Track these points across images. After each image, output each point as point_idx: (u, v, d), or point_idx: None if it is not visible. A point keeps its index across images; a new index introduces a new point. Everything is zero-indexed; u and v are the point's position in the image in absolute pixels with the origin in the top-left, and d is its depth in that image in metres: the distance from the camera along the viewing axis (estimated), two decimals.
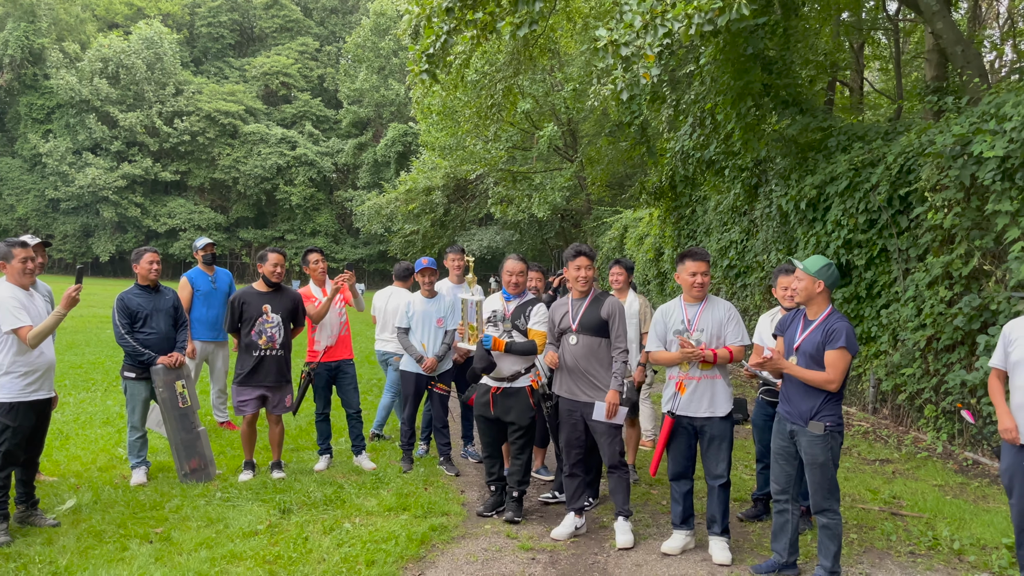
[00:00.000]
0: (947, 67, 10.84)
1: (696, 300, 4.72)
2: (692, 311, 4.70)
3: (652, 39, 6.51)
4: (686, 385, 4.64)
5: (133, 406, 5.86)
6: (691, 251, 4.69)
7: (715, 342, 4.61)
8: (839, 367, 4.06)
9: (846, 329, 4.08)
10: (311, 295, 6.43)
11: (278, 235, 55.01)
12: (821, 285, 4.20)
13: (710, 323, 4.63)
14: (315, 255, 6.51)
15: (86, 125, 50.10)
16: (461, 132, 23.67)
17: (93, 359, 12.25)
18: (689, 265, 4.66)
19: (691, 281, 4.66)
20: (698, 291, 4.66)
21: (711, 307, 4.69)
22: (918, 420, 7.88)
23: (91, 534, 4.71)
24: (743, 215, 12.53)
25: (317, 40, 62.62)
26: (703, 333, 4.61)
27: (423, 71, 9.20)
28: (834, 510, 4.16)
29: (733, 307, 4.74)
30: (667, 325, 4.75)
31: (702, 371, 4.61)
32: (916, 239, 7.72)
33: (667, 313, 4.79)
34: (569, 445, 5.04)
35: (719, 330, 4.62)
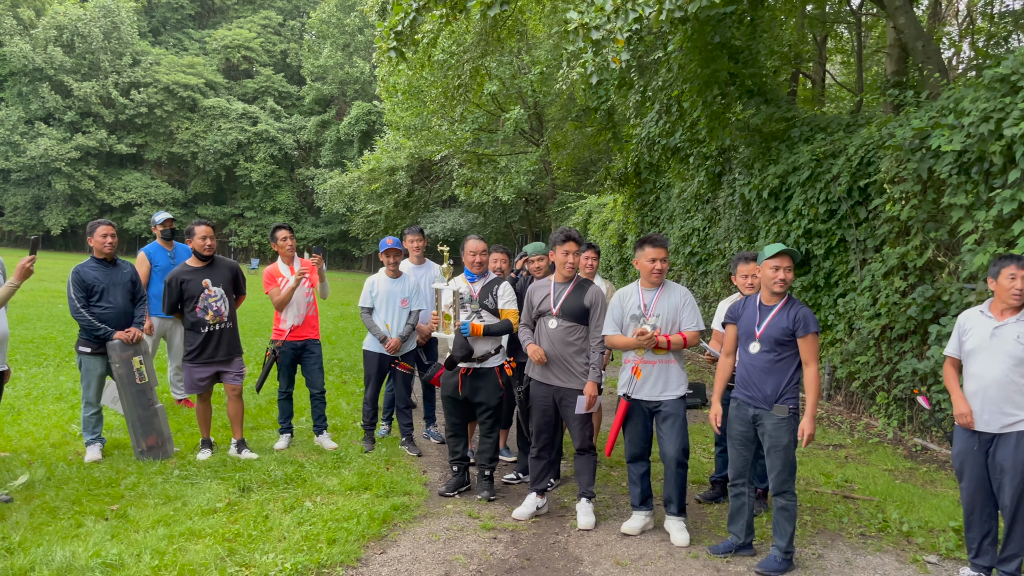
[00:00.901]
0: (907, 62, 11.04)
1: (653, 285, 4.78)
2: (649, 296, 4.75)
3: (623, 23, 6.51)
4: (641, 370, 4.70)
5: (88, 382, 5.74)
6: (650, 237, 4.72)
7: (670, 327, 4.68)
8: (812, 351, 4.22)
9: (810, 315, 4.25)
10: (278, 273, 6.34)
11: (237, 212, 54.14)
12: None
13: (666, 308, 4.69)
14: (283, 232, 6.39)
15: (39, 94, 48.59)
16: (427, 112, 23.51)
17: (45, 333, 11.96)
18: (648, 251, 4.70)
19: (650, 267, 4.70)
20: (656, 277, 4.72)
21: (668, 293, 4.75)
22: (871, 407, 8.08)
23: (45, 510, 4.62)
24: (706, 203, 12.66)
25: (280, 14, 61.47)
26: (659, 318, 4.66)
27: (390, 48, 9.10)
28: (792, 492, 4.27)
29: (689, 293, 4.82)
30: (624, 309, 4.79)
31: (657, 356, 4.68)
32: (874, 230, 7.88)
33: (624, 297, 4.83)
34: (540, 429, 5.07)
35: (675, 315, 4.68)
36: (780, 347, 4.25)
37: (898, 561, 4.49)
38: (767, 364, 4.29)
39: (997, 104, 6.00)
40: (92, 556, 3.96)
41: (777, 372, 4.26)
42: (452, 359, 5.24)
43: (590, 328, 4.94)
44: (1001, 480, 3.99)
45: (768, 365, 4.29)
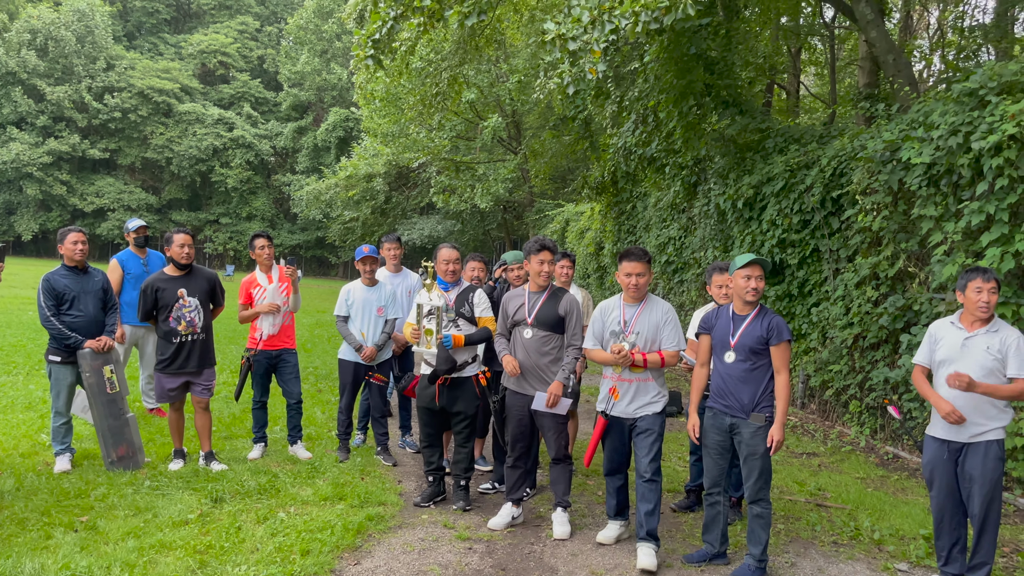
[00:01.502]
0: (879, 74, 11.22)
1: (634, 300, 4.64)
2: (630, 312, 4.63)
3: (599, 35, 6.56)
4: (618, 388, 4.62)
5: (58, 391, 5.65)
6: (628, 251, 4.59)
7: (650, 345, 4.57)
8: (784, 359, 4.27)
9: (783, 323, 4.29)
10: (255, 282, 6.29)
11: (212, 218, 53.68)
12: None
13: (647, 326, 4.57)
14: (262, 240, 6.33)
15: (11, 98, 47.93)
16: (404, 119, 23.45)
17: (14, 341, 11.77)
18: (625, 265, 4.58)
19: (627, 282, 4.57)
20: (634, 292, 4.57)
21: (649, 309, 4.62)
22: (843, 415, 8.17)
23: (13, 521, 4.54)
24: (682, 212, 12.76)
25: (258, 20, 61.17)
26: (638, 336, 4.56)
27: (368, 56, 9.09)
28: (767, 500, 4.30)
29: (672, 309, 4.68)
30: (604, 324, 4.69)
31: (634, 373, 4.59)
32: (846, 240, 7.98)
33: (605, 311, 4.73)
34: (515, 438, 5.07)
35: (655, 333, 4.57)
36: (755, 356, 4.29)
37: (870, 569, 4.54)
38: (742, 373, 4.31)
39: (965, 118, 6.11)
40: (61, 568, 3.89)
41: (753, 381, 4.29)
42: (436, 372, 5.20)
43: (565, 337, 4.94)
44: (970, 489, 4.05)
45: (743, 374, 4.31)
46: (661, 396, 4.64)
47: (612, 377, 4.64)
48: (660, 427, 4.61)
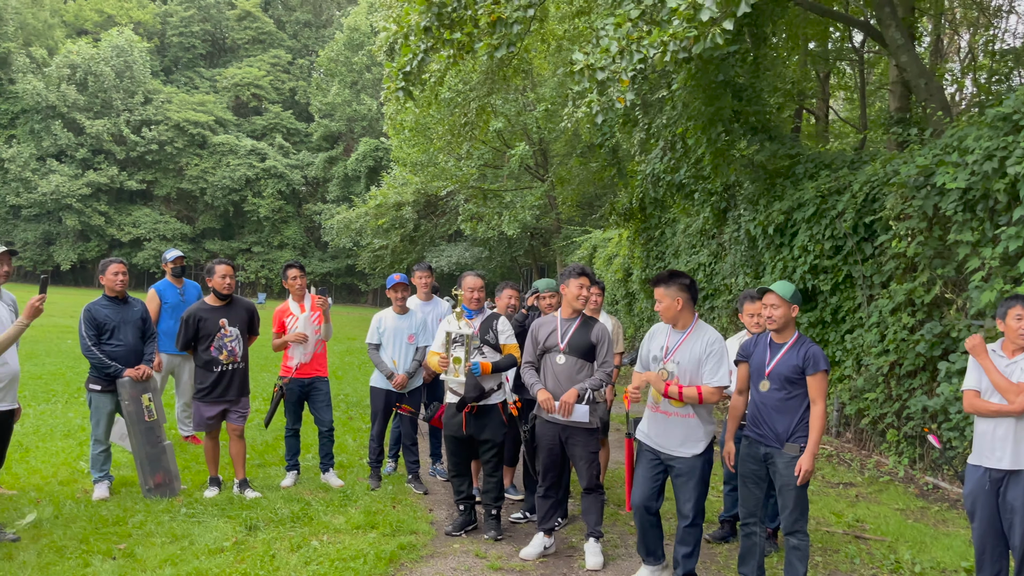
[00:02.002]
0: (910, 99, 11.15)
1: (681, 327, 4.41)
2: (674, 339, 4.42)
3: (627, 64, 6.61)
4: (653, 421, 4.44)
5: (98, 419, 5.76)
6: (657, 276, 4.43)
7: (690, 377, 4.29)
8: (820, 389, 4.18)
9: (820, 353, 4.21)
10: (288, 311, 6.38)
11: (245, 247, 54.47)
12: (796, 309, 4.34)
13: (687, 356, 4.31)
14: (294, 271, 6.40)
15: (51, 131, 49.28)
16: (433, 149, 23.74)
17: (54, 369, 12.00)
18: (656, 292, 4.43)
19: (657, 308, 4.42)
20: (669, 317, 4.39)
21: (696, 338, 4.35)
22: (880, 444, 8.02)
23: (52, 549, 4.61)
24: (711, 238, 12.71)
25: (290, 53, 62.43)
26: (678, 366, 4.32)
27: (399, 88, 9.24)
28: (804, 531, 4.22)
29: (719, 341, 4.34)
30: (650, 349, 4.52)
31: (673, 407, 4.32)
32: (880, 266, 7.90)
33: (653, 336, 4.57)
34: (546, 468, 5.05)
35: (696, 365, 4.29)
36: (791, 385, 4.23)
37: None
38: (777, 403, 4.26)
39: (1000, 143, 6.05)
40: None
41: (788, 410, 4.23)
42: (464, 400, 5.22)
43: (596, 364, 4.92)
44: (1012, 520, 3.95)
45: (779, 403, 4.26)
46: (704, 435, 4.33)
47: (651, 407, 4.47)
48: (701, 469, 4.32)
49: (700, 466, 4.31)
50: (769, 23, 10.48)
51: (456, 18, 8.42)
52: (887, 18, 9.31)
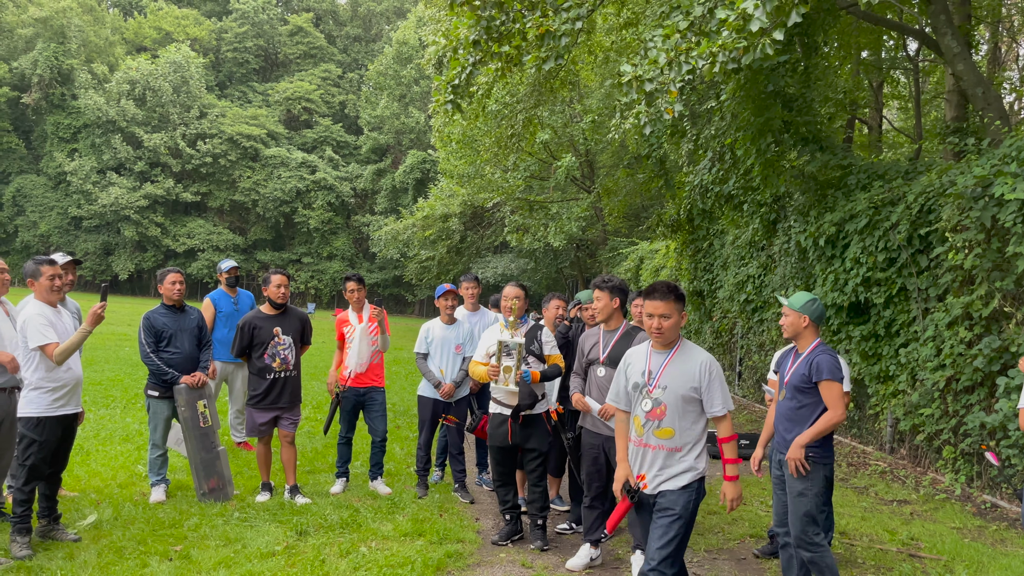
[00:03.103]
0: (967, 108, 10.89)
1: (663, 347, 3.81)
2: (658, 361, 3.78)
3: (676, 75, 6.61)
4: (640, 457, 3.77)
5: (155, 424, 5.93)
6: (652, 287, 3.77)
7: (680, 404, 3.68)
8: (830, 397, 4.15)
9: (827, 361, 4.17)
10: (347, 320, 6.49)
11: (295, 258, 55.47)
12: (806, 320, 4.32)
13: (678, 379, 3.69)
14: (352, 283, 6.50)
15: (111, 145, 50.96)
16: (480, 161, 23.89)
17: (112, 376, 12.37)
18: (646, 304, 3.75)
19: (648, 324, 3.75)
20: (658, 336, 3.73)
21: (683, 358, 3.75)
22: (936, 461, 7.82)
23: (112, 550, 4.76)
24: (761, 250, 12.56)
25: (340, 67, 63.58)
26: (666, 391, 3.69)
27: (447, 101, 9.36)
28: (815, 543, 4.12)
29: (713, 363, 3.75)
30: (628, 375, 3.87)
31: (660, 439, 3.71)
32: (936, 279, 7.72)
33: (630, 360, 3.91)
34: (591, 477, 5.05)
35: (687, 390, 3.68)
36: (801, 395, 4.25)
37: None
38: (789, 412, 4.31)
39: None
40: None
41: (799, 420, 4.24)
42: (519, 407, 5.26)
43: None
44: None
45: (791, 413, 4.29)
46: (694, 469, 3.70)
47: (633, 440, 3.82)
48: (685, 505, 3.62)
49: (684, 502, 3.63)
50: (820, 32, 10.35)
51: (504, 31, 8.50)
52: (943, 26, 9.13)
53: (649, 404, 3.70)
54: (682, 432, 3.68)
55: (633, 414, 3.81)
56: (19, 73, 51.79)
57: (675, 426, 3.67)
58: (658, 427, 3.68)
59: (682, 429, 3.67)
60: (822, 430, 4.15)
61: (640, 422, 3.75)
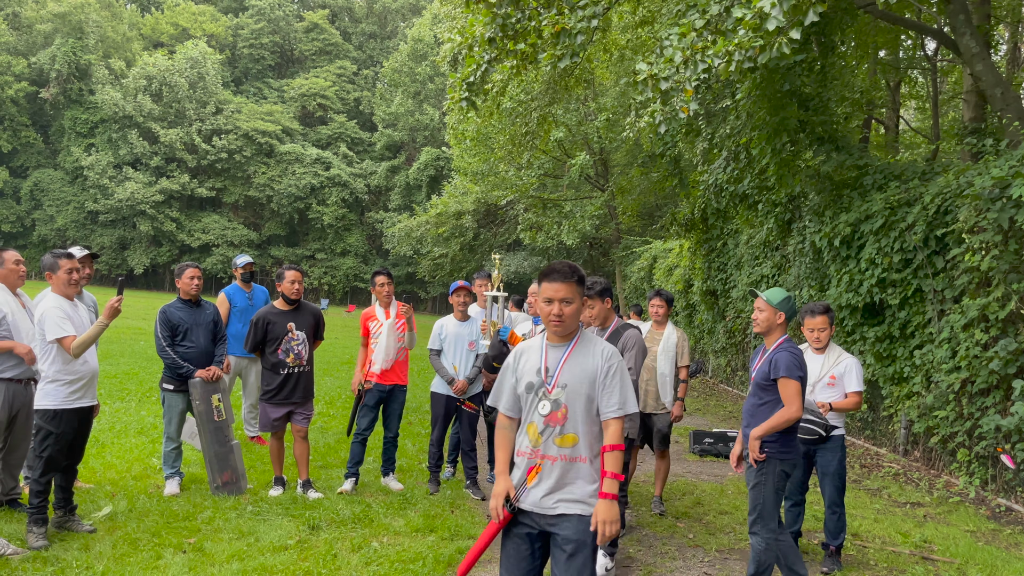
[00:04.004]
0: (985, 109, 10.80)
1: (562, 339, 3.17)
2: (556, 356, 3.14)
3: (691, 74, 6.59)
4: (541, 467, 3.07)
5: (170, 417, 5.98)
6: (550, 267, 3.16)
7: (585, 404, 3.06)
8: (786, 393, 4.17)
9: (785, 359, 4.19)
10: (373, 316, 6.45)
11: (308, 254, 55.71)
12: (782, 316, 4.34)
13: (578, 376, 3.07)
14: (382, 278, 6.45)
15: (128, 140, 51.37)
16: (494, 158, 23.92)
17: (127, 369, 12.47)
18: (544, 287, 3.11)
19: (546, 311, 3.11)
20: (556, 326, 3.09)
21: (584, 351, 3.13)
22: (951, 464, 7.77)
23: (126, 541, 4.80)
24: (775, 250, 12.51)
25: (355, 64, 63.78)
26: (565, 391, 3.06)
27: (462, 98, 9.37)
28: (762, 536, 4.17)
29: (616, 354, 3.16)
30: (519, 373, 3.21)
31: (561, 447, 3.06)
32: (952, 280, 7.67)
33: (521, 356, 3.25)
34: None
35: (590, 388, 3.07)
36: (763, 392, 4.29)
37: None
38: (752, 408, 4.37)
39: None
40: None
41: (761, 416, 4.28)
42: (487, 358, 5.32)
43: None
44: None
45: (753, 409, 4.36)
46: (597, 492, 3.03)
47: (526, 452, 3.12)
48: (594, 539, 2.99)
49: (595, 535, 2.97)
50: (838, 32, 10.29)
51: (520, 29, 8.51)
52: (961, 26, 9.06)
53: (548, 407, 3.07)
54: (587, 438, 3.07)
55: (527, 420, 3.15)
56: (37, 68, 52.27)
57: (579, 431, 3.06)
58: (559, 434, 3.05)
59: (587, 434, 3.07)
60: (775, 425, 4.17)
61: (537, 429, 3.07)
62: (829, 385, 5.08)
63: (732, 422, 11.16)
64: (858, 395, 5.06)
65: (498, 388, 3.27)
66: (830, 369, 5.09)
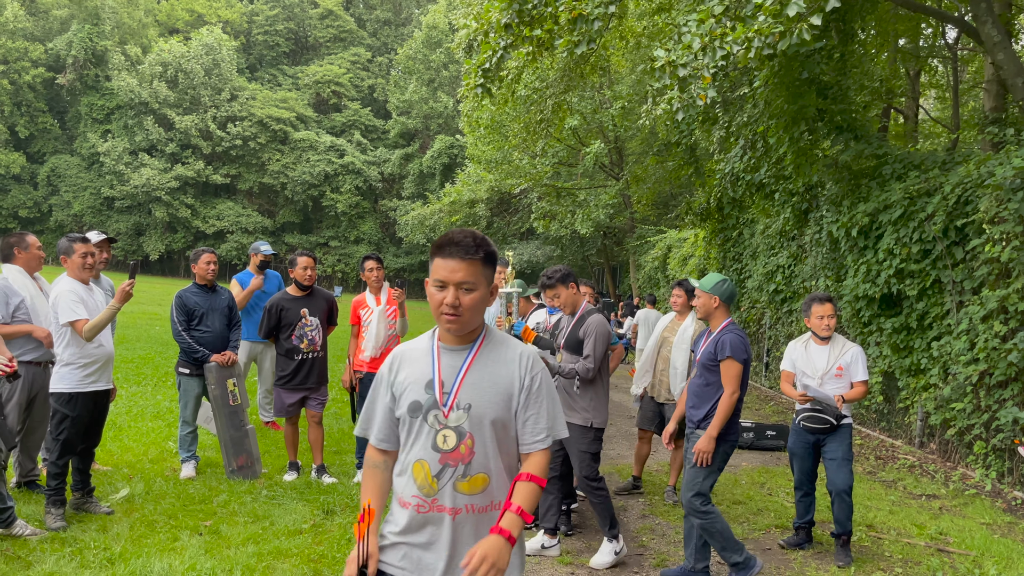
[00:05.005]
0: (1006, 98, 10.65)
1: (461, 340, 2.29)
2: (452, 363, 2.27)
3: (710, 61, 6.53)
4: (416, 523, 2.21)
5: (186, 401, 6.02)
6: (443, 239, 2.23)
7: (493, 433, 2.22)
8: (728, 375, 4.30)
9: (731, 340, 4.32)
10: (364, 303, 6.45)
11: (322, 241, 55.86)
12: (716, 300, 4.48)
13: (488, 392, 2.23)
14: (371, 262, 6.41)
15: (143, 127, 51.56)
16: (508, 146, 23.83)
17: (143, 354, 12.56)
18: (437, 266, 2.22)
19: (437, 299, 2.21)
20: (451, 320, 2.21)
21: (492, 356, 2.29)
22: (967, 456, 7.71)
23: (143, 523, 4.85)
24: (792, 240, 12.42)
25: (369, 51, 63.68)
26: (470, 414, 2.20)
27: (477, 85, 9.33)
28: (703, 511, 4.28)
29: (533, 357, 2.31)
30: (396, 392, 2.30)
31: (466, 495, 2.20)
32: (971, 271, 7.59)
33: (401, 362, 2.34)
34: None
35: (503, 409, 2.23)
36: (707, 372, 4.41)
37: None
38: (697, 388, 4.50)
39: None
40: (188, 570, 4.13)
41: (705, 397, 4.43)
42: None
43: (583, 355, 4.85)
44: None
45: (698, 390, 4.49)
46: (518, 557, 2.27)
47: (413, 503, 2.22)
48: None
49: None
50: (858, 19, 10.16)
51: (536, 15, 8.45)
52: (983, 14, 8.92)
53: (445, 438, 2.18)
54: (502, 477, 2.23)
55: (412, 456, 2.21)
56: (54, 54, 52.51)
57: (490, 469, 2.20)
58: (463, 475, 2.17)
59: (501, 472, 2.23)
60: (724, 415, 4.28)
61: (428, 470, 2.18)
62: (837, 376, 5.06)
63: (746, 412, 11.12)
64: (864, 384, 5.05)
65: (368, 410, 2.34)
66: (836, 359, 5.07)
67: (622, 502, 6.22)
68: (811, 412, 5.08)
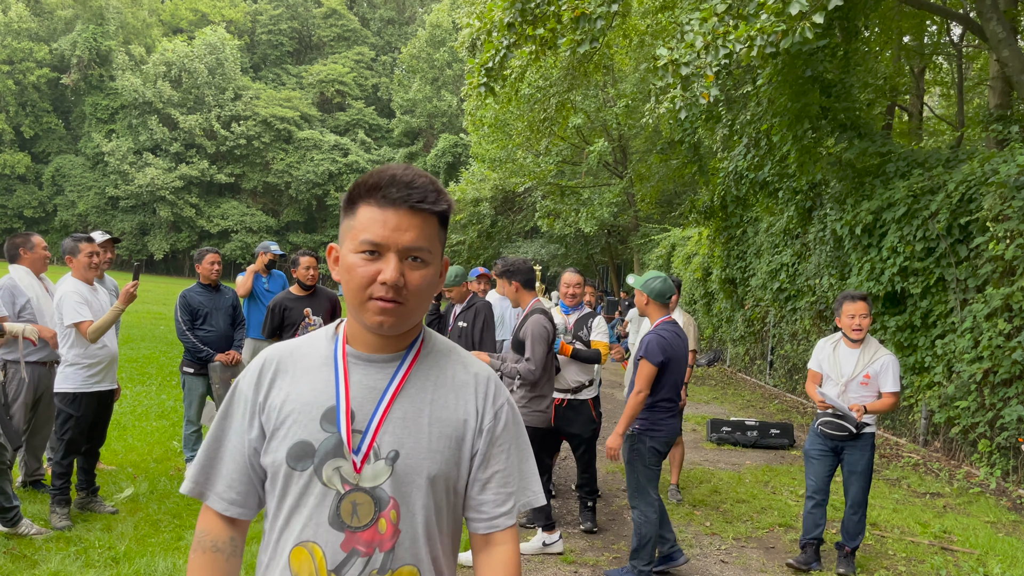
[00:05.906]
0: (1012, 95, 10.62)
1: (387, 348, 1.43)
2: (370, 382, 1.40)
3: (712, 59, 6.52)
4: None
5: (190, 401, 6.03)
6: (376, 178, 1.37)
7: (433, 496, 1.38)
8: (639, 374, 4.37)
9: (650, 341, 4.38)
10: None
11: (327, 240, 55.97)
12: (645, 296, 4.52)
13: (424, 431, 1.39)
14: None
15: (148, 126, 51.73)
16: (512, 145, 23.85)
17: (148, 353, 12.60)
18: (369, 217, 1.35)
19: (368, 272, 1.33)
20: (386, 312, 1.34)
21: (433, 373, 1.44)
22: (971, 455, 7.70)
23: (148, 522, 4.86)
24: (795, 238, 12.40)
25: (373, 50, 63.77)
26: (396, 465, 1.36)
27: (481, 84, 9.34)
28: (640, 509, 4.35)
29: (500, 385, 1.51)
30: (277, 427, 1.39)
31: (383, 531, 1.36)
32: (975, 269, 7.57)
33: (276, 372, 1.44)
34: None
35: (448, 463, 1.40)
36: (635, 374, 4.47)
37: None
38: (631, 382, 4.55)
39: None
40: None
41: None
42: None
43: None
44: None
45: (632, 383, 4.54)
46: None
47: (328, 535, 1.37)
48: None
49: None
50: (862, 16, 10.15)
51: (539, 14, 8.45)
52: (988, 11, 8.90)
53: (365, 509, 1.36)
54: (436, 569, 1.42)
55: (288, 536, 1.39)
56: (59, 54, 52.68)
57: (420, 558, 1.39)
58: (381, 567, 1.35)
59: (436, 563, 1.42)
60: (631, 416, 4.37)
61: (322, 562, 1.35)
62: (863, 384, 4.70)
63: (750, 411, 11.11)
64: (894, 396, 4.67)
65: (209, 452, 1.46)
66: (865, 367, 4.71)
67: (625, 502, 6.22)
68: (830, 418, 4.81)
